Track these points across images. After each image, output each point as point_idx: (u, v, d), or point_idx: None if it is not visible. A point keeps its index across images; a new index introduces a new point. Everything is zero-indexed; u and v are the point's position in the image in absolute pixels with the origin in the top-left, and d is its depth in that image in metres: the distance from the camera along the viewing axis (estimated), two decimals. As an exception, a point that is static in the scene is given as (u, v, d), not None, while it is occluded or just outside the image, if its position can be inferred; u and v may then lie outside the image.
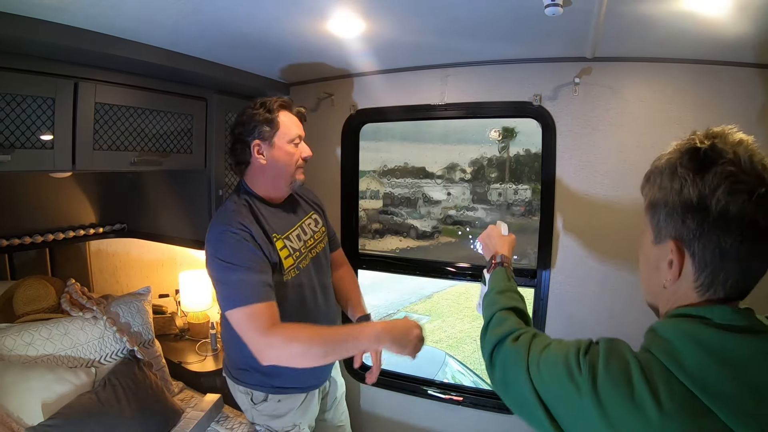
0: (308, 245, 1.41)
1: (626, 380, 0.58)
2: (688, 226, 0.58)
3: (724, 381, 0.54)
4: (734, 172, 0.55)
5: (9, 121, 1.28)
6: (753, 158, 0.56)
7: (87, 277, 2.43)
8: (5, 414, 1.34)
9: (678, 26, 1.21)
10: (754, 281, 0.59)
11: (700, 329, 0.57)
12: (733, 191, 0.54)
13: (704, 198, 0.56)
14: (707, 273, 0.58)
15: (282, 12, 1.22)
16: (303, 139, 1.37)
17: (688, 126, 1.59)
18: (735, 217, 0.54)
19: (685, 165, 0.59)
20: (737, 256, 0.56)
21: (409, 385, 2.04)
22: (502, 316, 0.89)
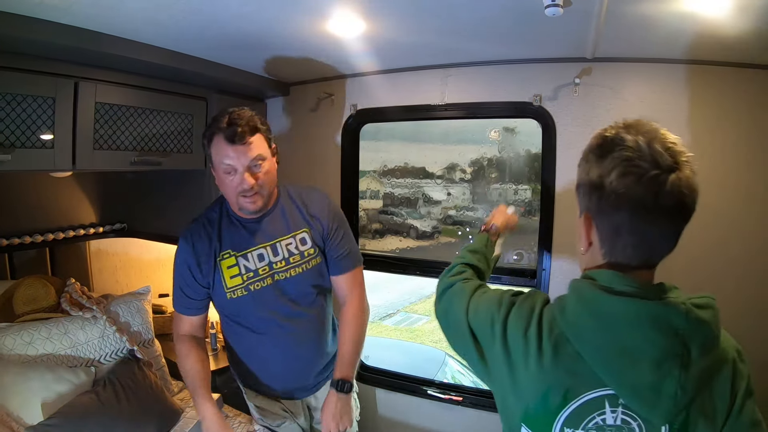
0: (276, 267, 1.31)
1: (527, 317, 0.72)
2: (593, 203, 0.66)
3: (593, 331, 0.64)
4: (630, 156, 0.62)
5: (9, 120, 1.28)
6: (652, 144, 0.63)
7: (87, 277, 2.43)
8: (5, 413, 1.34)
9: (678, 26, 1.21)
10: (656, 252, 0.66)
11: (585, 286, 0.67)
12: (625, 173, 0.62)
13: (602, 178, 0.64)
14: (608, 243, 0.66)
15: (282, 12, 1.22)
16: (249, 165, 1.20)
17: (688, 126, 1.61)
18: (623, 195, 0.62)
19: (594, 150, 0.68)
20: (629, 230, 0.63)
21: (408, 385, 2.04)
22: (463, 268, 1.03)
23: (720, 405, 0.65)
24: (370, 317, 1.48)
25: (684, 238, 0.64)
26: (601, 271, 0.67)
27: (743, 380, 0.67)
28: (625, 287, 0.64)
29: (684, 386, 0.61)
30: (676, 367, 0.61)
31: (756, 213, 1.46)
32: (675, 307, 0.62)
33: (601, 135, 0.69)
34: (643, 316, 0.62)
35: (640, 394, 0.62)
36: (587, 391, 0.66)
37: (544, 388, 0.68)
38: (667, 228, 0.64)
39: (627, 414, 0.65)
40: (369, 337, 1.49)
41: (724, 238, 1.49)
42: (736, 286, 1.49)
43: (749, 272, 1.48)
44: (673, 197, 0.61)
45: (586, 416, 0.66)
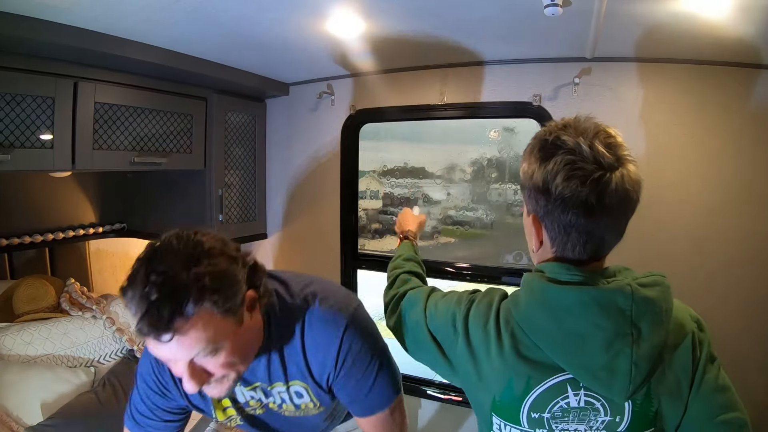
0: (270, 406, 0.98)
1: (486, 313, 0.75)
2: (540, 205, 0.68)
3: (545, 321, 0.67)
4: (572, 159, 0.64)
5: (9, 120, 1.28)
6: (593, 144, 0.64)
7: (86, 277, 2.43)
8: (5, 413, 1.34)
9: (678, 26, 1.21)
10: (605, 246, 0.68)
11: (534, 279, 0.70)
12: (569, 177, 0.63)
13: (547, 183, 0.65)
14: (558, 242, 0.68)
15: (282, 12, 1.22)
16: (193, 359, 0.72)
17: (688, 126, 1.61)
18: (569, 198, 0.63)
19: (535, 154, 0.68)
20: (578, 229, 0.65)
21: (408, 385, 2.04)
22: (406, 277, 1.04)
23: (683, 377, 0.67)
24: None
25: (684, 239, 0.64)
26: (548, 263, 0.70)
27: (704, 349, 0.69)
28: (570, 277, 0.67)
29: (637, 363, 0.63)
30: (627, 346, 0.63)
31: (756, 213, 1.46)
32: (620, 289, 0.64)
33: (541, 138, 0.69)
34: (590, 302, 0.64)
35: (595, 375, 0.64)
36: (548, 377, 0.68)
37: (507, 377, 0.70)
38: (615, 223, 0.66)
39: (589, 395, 0.67)
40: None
41: (724, 238, 1.49)
42: (736, 286, 1.49)
43: (749, 272, 1.48)
44: (618, 195, 0.63)
45: (551, 401, 0.69)
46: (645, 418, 0.67)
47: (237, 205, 2.06)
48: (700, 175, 1.50)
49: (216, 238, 0.76)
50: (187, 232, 0.75)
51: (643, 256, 1.56)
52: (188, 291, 0.67)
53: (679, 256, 1.52)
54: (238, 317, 0.74)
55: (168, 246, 0.72)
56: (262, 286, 0.82)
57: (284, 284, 0.92)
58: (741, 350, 1.46)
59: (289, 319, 0.88)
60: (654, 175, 1.53)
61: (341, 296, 0.93)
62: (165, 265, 0.68)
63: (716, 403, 0.67)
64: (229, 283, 0.72)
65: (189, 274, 0.67)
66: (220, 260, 0.72)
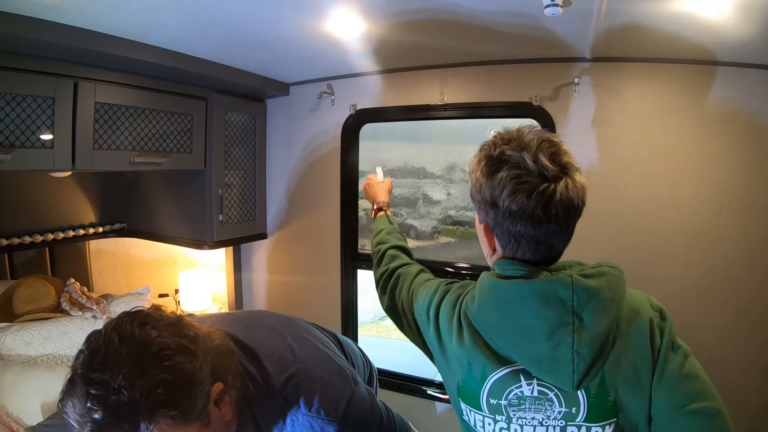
0: None
1: (453, 304, 0.79)
2: (490, 216, 0.71)
3: (492, 314, 0.70)
4: (518, 174, 0.66)
5: (9, 120, 1.28)
6: (537, 157, 0.66)
7: (87, 277, 2.44)
8: (5, 413, 1.34)
9: (678, 27, 1.21)
10: (554, 249, 0.71)
11: (485, 277, 0.73)
12: (515, 191, 0.66)
13: (495, 197, 0.68)
14: (509, 249, 0.72)
15: (282, 12, 1.22)
16: None
17: (688, 126, 1.61)
18: (517, 212, 0.66)
19: (481, 170, 0.71)
20: (527, 238, 0.68)
21: (408, 385, 2.04)
22: (393, 252, 1.06)
23: (641, 365, 0.67)
24: (370, 317, 1.38)
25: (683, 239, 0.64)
26: (499, 261, 0.73)
27: (664, 337, 0.68)
28: (514, 272, 0.70)
29: (579, 351, 0.64)
30: (567, 335, 0.65)
31: (755, 213, 1.46)
32: (560, 281, 0.66)
33: (487, 152, 0.71)
34: (529, 294, 0.67)
35: (540, 364, 0.67)
36: (501, 366, 0.71)
37: (466, 362, 0.74)
38: (562, 230, 0.69)
39: (542, 385, 0.69)
40: (369, 337, 1.49)
41: (723, 238, 1.49)
42: (736, 288, 1.49)
43: (749, 273, 1.48)
44: (563, 204, 0.66)
45: (506, 388, 0.71)
46: (603, 408, 0.67)
47: (237, 205, 2.06)
48: (699, 175, 1.50)
49: (168, 327, 0.65)
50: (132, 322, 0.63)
51: (642, 256, 1.57)
52: (137, 409, 0.56)
53: (678, 256, 1.52)
54: (203, 419, 0.65)
55: (108, 347, 0.59)
56: (231, 373, 0.71)
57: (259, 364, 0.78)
58: (740, 349, 1.46)
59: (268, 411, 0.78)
60: (653, 175, 1.53)
61: (330, 389, 0.80)
62: (106, 374, 0.57)
63: (682, 392, 0.66)
64: (187, 390, 0.62)
65: (135, 388, 0.56)
66: (174, 362, 0.61)
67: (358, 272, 2.11)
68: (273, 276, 2.29)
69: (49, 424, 1.36)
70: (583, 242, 1.64)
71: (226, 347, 0.74)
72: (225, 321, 0.86)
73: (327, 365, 0.85)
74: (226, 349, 0.74)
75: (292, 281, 2.23)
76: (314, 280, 2.16)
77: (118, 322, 0.64)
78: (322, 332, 1.03)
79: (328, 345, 0.95)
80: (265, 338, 0.84)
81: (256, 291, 2.34)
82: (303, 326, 0.97)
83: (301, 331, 0.93)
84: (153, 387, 0.58)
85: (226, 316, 0.96)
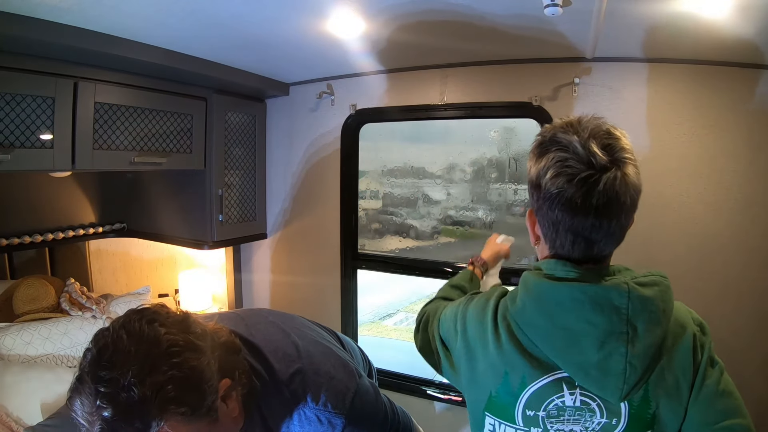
0: None
1: (483, 306, 0.76)
2: (534, 200, 0.69)
3: (538, 317, 0.67)
4: (564, 157, 0.64)
5: (9, 120, 1.28)
6: (588, 144, 0.63)
7: (86, 277, 2.43)
8: (5, 413, 1.34)
9: (678, 26, 1.21)
10: (595, 247, 0.67)
11: (530, 276, 0.70)
12: (557, 174, 0.64)
13: (539, 178, 0.66)
14: (549, 237, 0.69)
15: (282, 12, 1.22)
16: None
17: (688, 126, 1.61)
18: (556, 195, 0.64)
19: (534, 149, 0.70)
20: (564, 226, 0.66)
21: (408, 385, 2.04)
22: (441, 303, 1.00)
23: (682, 380, 0.66)
24: (370, 317, 1.36)
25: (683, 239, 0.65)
26: (546, 261, 0.70)
27: (705, 352, 0.67)
28: (566, 273, 0.67)
29: (632, 362, 0.62)
30: (621, 345, 0.62)
31: (756, 213, 1.46)
32: (616, 287, 0.63)
33: (541, 133, 0.70)
34: (583, 299, 0.64)
35: (588, 373, 0.64)
36: (544, 375, 0.68)
37: (503, 371, 0.70)
38: (602, 225, 0.64)
39: (585, 395, 0.67)
40: (369, 337, 1.48)
41: (723, 238, 1.49)
42: (736, 287, 1.49)
43: (748, 272, 1.48)
44: (605, 196, 0.62)
45: (546, 398, 0.68)
46: (642, 421, 0.66)
47: (237, 205, 2.06)
48: (699, 175, 1.50)
49: (176, 324, 0.65)
50: (140, 320, 0.63)
51: (641, 256, 1.56)
52: (148, 407, 0.56)
53: (678, 256, 1.52)
54: (211, 415, 0.65)
55: (117, 344, 0.59)
56: (237, 369, 0.72)
57: (264, 361, 0.79)
58: (739, 348, 1.46)
59: (275, 407, 0.78)
60: (653, 175, 1.53)
61: (336, 383, 0.80)
62: (115, 371, 0.57)
63: (717, 409, 0.65)
64: (196, 386, 0.62)
65: (146, 385, 0.56)
66: (183, 358, 0.61)
67: (358, 272, 2.11)
68: (273, 276, 2.29)
69: (49, 424, 1.36)
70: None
71: (232, 344, 0.74)
72: (227, 319, 0.86)
73: (331, 359, 0.85)
74: (233, 346, 0.74)
75: (293, 281, 2.23)
76: (314, 280, 2.16)
77: (126, 319, 0.64)
78: (322, 329, 1.04)
79: (330, 341, 0.96)
80: (268, 335, 0.84)
81: (256, 291, 2.34)
82: (304, 323, 0.98)
83: (303, 327, 0.93)
84: (163, 384, 0.58)
85: (227, 314, 0.96)
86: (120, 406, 0.56)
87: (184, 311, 0.72)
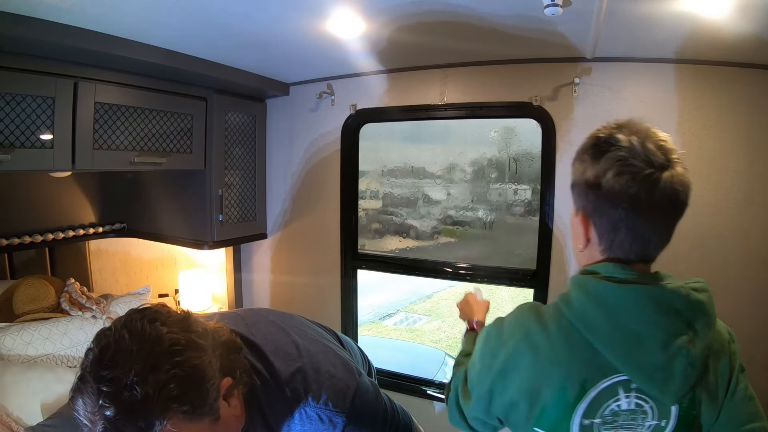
0: None
1: (524, 321, 0.74)
2: (590, 200, 0.69)
3: (599, 319, 0.66)
4: (624, 156, 0.65)
5: (9, 120, 1.28)
6: (645, 144, 0.65)
7: (87, 277, 2.44)
8: (5, 414, 1.34)
9: (678, 26, 1.21)
10: (651, 246, 0.69)
11: (588, 279, 0.69)
12: (620, 173, 0.65)
13: (599, 178, 0.67)
14: (606, 239, 0.69)
15: (282, 12, 1.22)
16: None
17: (688, 126, 1.61)
18: (619, 193, 0.65)
19: (588, 151, 0.70)
20: (626, 225, 0.66)
21: (408, 385, 2.04)
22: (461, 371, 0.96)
23: (721, 382, 0.69)
24: (370, 317, 1.36)
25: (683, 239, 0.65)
26: (602, 264, 0.70)
27: (737, 358, 0.72)
28: (627, 275, 0.67)
29: (693, 363, 0.64)
30: (683, 346, 0.64)
31: (755, 213, 1.46)
32: (676, 290, 0.66)
33: (594, 135, 0.71)
34: (647, 301, 0.65)
35: (652, 375, 0.64)
36: (602, 379, 0.67)
37: (559, 382, 0.68)
38: (662, 223, 0.67)
39: (640, 397, 0.67)
40: (369, 336, 1.48)
41: (722, 238, 1.49)
42: (736, 287, 1.49)
43: (747, 272, 1.48)
44: (666, 194, 0.64)
45: (603, 403, 0.68)
46: (687, 422, 0.68)
47: (237, 205, 2.06)
48: (699, 175, 1.50)
49: (177, 323, 0.65)
50: (141, 319, 0.63)
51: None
52: (150, 406, 0.56)
53: (677, 256, 1.51)
54: (213, 414, 0.65)
55: (119, 344, 0.59)
56: (239, 368, 0.72)
57: (265, 360, 0.79)
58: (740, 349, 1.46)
59: (276, 406, 0.78)
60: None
61: (337, 381, 0.81)
62: (117, 370, 0.57)
63: (745, 412, 0.69)
64: (198, 385, 0.62)
65: (148, 384, 0.56)
66: (185, 357, 0.61)
67: (358, 272, 2.11)
68: (273, 276, 2.29)
69: (49, 424, 1.36)
70: (583, 242, 1.65)
71: (233, 342, 0.75)
72: (227, 318, 0.86)
73: (332, 358, 0.85)
74: (234, 345, 0.74)
75: (293, 281, 2.23)
76: (314, 280, 2.16)
77: (128, 319, 0.64)
78: (321, 329, 1.04)
79: (330, 340, 0.96)
80: (268, 334, 0.84)
81: (256, 291, 2.35)
82: (304, 322, 0.98)
83: (303, 326, 0.93)
84: (165, 383, 0.58)
85: (227, 313, 0.96)
86: (123, 406, 0.56)
87: (185, 310, 0.72)
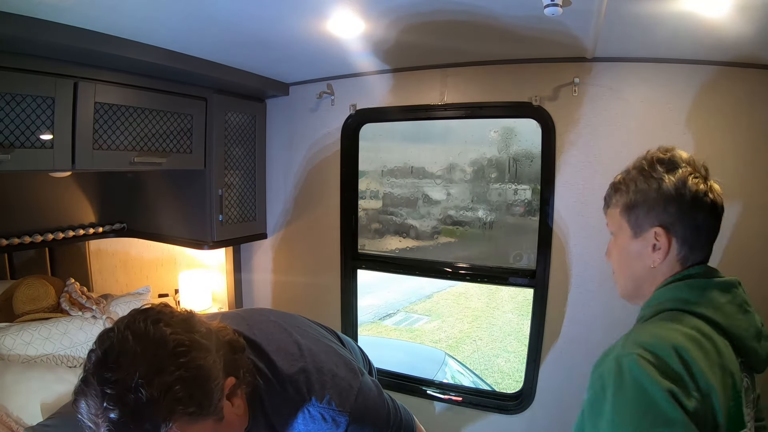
0: None
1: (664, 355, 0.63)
2: (669, 213, 0.76)
3: (739, 316, 0.73)
4: (692, 170, 0.77)
5: (9, 120, 1.28)
6: (695, 161, 0.79)
7: (86, 277, 2.44)
8: (5, 414, 1.34)
9: (678, 26, 1.21)
10: (709, 249, 0.79)
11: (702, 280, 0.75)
12: (696, 183, 0.75)
13: (679, 189, 0.75)
14: (687, 245, 0.76)
15: (282, 12, 1.22)
16: None
17: (688, 126, 1.61)
18: (701, 200, 0.74)
19: (656, 170, 0.78)
20: (706, 230, 0.76)
21: (408, 385, 2.04)
22: None
23: None
24: (370, 317, 1.35)
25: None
26: (695, 268, 0.77)
27: None
28: (714, 275, 0.76)
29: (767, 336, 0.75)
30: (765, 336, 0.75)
31: (755, 213, 1.46)
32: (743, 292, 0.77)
33: (656, 156, 0.79)
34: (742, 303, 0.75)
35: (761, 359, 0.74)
36: (735, 369, 0.70)
37: (728, 377, 0.67)
38: (719, 225, 0.77)
39: (748, 375, 0.74)
40: (369, 336, 1.48)
41: (722, 238, 1.49)
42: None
43: (747, 273, 1.48)
44: (719, 201, 0.77)
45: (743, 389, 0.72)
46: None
47: (237, 205, 2.06)
48: (700, 175, 1.51)
49: (181, 323, 0.65)
50: (145, 320, 0.62)
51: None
52: (156, 408, 0.56)
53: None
54: (217, 414, 0.65)
55: (123, 345, 0.59)
56: (242, 368, 0.72)
57: (267, 359, 0.79)
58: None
59: (279, 406, 0.78)
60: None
61: (340, 381, 0.80)
62: (121, 372, 0.56)
63: None
64: (203, 385, 0.62)
65: (153, 386, 0.56)
66: (190, 358, 0.61)
67: (358, 272, 2.11)
68: (273, 276, 2.29)
69: (49, 424, 1.36)
70: (584, 240, 1.65)
71: (236, 342, 0.75)
72: (229, 318, 0.86)
73: (334, 358, 0.85)
74: (237, 345, 0.74)
75: (293, 281, 2.23)
76: (314, 280, 2.16)
77: (131, 320, 0.63)
78: (322, 328, 1.04)
79: (332, 340, 0.96)
80: (270, 334, 0.84)
81: (256, 291, 2.35)
82: (305, 322, 0.98)
83: (304, 326, 0.93)
84: (171, 384, 0.57)
85: (229, 314, 0.97)
86: (128, 408, 0.55)
87: (188, 310, 0.71)
